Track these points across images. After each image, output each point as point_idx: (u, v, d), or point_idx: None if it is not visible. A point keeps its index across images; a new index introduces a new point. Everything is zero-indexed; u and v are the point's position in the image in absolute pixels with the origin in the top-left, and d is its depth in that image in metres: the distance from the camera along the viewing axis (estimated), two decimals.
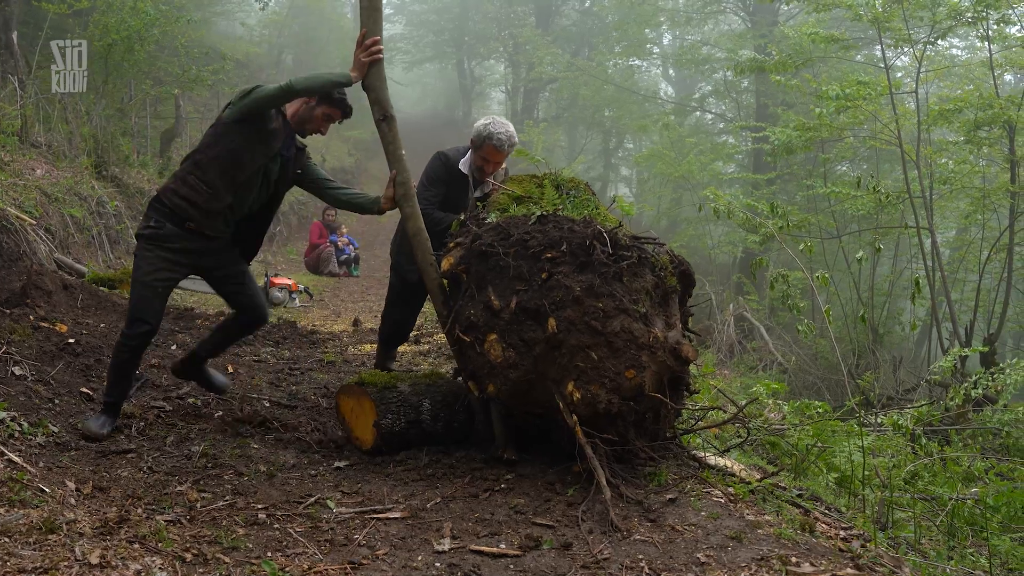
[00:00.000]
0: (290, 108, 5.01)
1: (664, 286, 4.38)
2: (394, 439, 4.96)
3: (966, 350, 8.32)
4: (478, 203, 5.37)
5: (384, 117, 4.81)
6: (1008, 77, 21.42)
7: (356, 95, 4.97)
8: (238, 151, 4.82)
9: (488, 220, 4.66)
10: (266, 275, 11.52)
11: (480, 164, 5.71)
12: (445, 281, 4.82)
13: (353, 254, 15.92)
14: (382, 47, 4.75)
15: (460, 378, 5.13)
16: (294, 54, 35.00)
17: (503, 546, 3.58)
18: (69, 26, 15.33)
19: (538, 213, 4.53)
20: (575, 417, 4.14)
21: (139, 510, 3.70)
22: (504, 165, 5.80)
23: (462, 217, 4.91)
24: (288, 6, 33.40)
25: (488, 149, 5.60)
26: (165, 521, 3.61)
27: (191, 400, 5.57)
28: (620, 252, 4.24)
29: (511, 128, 5.68)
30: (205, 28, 24.52)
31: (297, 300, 11.53)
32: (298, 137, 5.14)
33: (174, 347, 6.72)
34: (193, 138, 18.59)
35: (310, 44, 35.29)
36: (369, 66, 4.75)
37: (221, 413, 5.49)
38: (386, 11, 46.67)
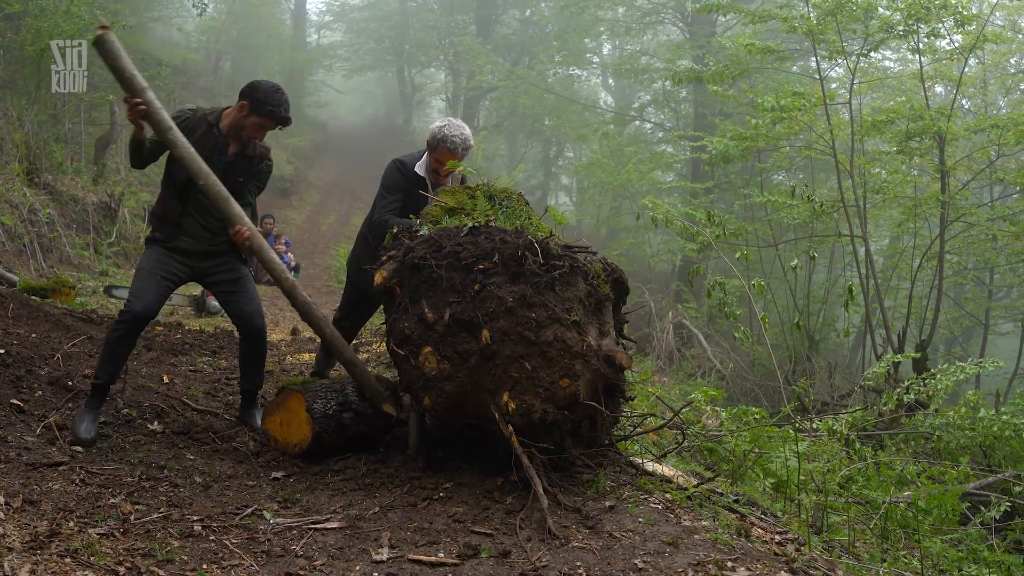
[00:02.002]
0: (226, 118, 5.31)
1: (597, 294, 4.40)
2: (330, 423, 5.03)
3: (899, 356, 8.46)
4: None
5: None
6: (939, 89, 21.85)
7: (294, 106, 4.98)
8: (172, 162, 5.21)
9: (420, 233, 4.65)
10: None
11: (435, 167, 5.70)
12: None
13: (293, 263, 15.78)
14: (140, 102, 4.86)
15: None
16: (232, 60, 34.67)
17: (441, 555, 3.57)
18: (0, 29, 15.05)
19: (470, 224, 4.52)
20: (511, 427, 4.15)
21: (71, 523, 3.64)
22: (461, 169, 5.79)
23: (395, 230, 4.90)
24: (226, 12, 33.05)
25: (442, 151, 5.61)
26: (98, 534, 3.55)
27: (125, 411, 5.48)
28: (552, 262, 4.25)
29: (467, 131, 5.68)
30: (141, 34, 24.20)
31: None
32: (260, 151, 5.46)
33: None
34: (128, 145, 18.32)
35: (248, 50, 35.02)
36: (141, 120, 4.94)
37: (156, 424, 5.41)
38: (326, 18, 46.51)
